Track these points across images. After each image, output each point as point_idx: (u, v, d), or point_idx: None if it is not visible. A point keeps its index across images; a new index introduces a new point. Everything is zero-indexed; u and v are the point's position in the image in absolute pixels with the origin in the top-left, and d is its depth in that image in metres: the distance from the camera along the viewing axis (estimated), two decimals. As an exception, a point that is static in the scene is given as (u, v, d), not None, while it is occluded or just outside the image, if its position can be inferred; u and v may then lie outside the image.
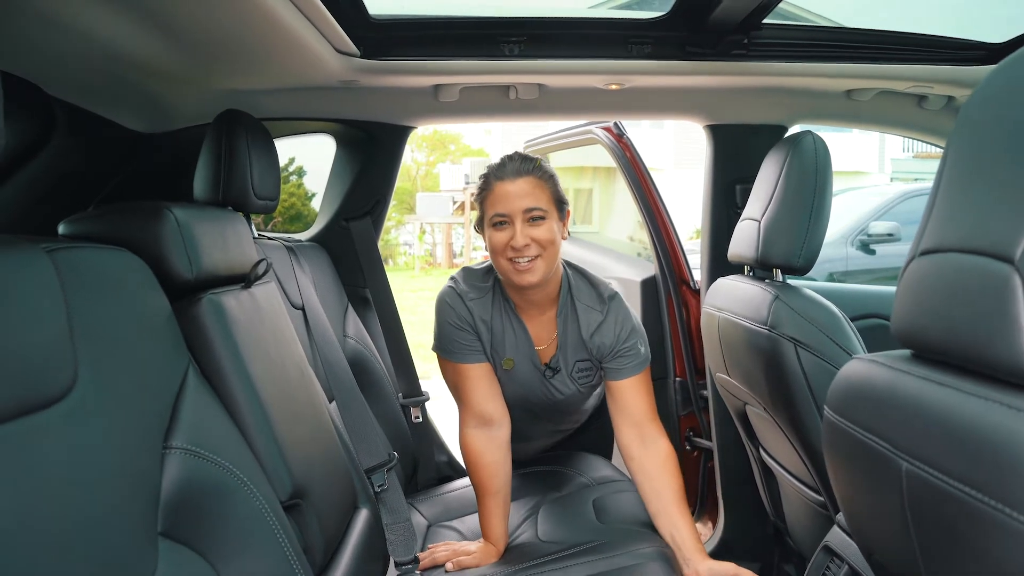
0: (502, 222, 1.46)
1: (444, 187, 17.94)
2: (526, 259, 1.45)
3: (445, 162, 21.29)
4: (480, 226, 1.54)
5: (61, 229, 1.03)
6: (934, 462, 0.65)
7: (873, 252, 6.43)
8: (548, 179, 1.49)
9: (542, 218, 1.46)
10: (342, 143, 2.12)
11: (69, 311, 0.76)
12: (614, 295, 1.61)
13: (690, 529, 1.46)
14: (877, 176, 14.24)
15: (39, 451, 0.67)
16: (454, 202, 17.29)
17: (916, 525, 0.69)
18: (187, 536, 0.84)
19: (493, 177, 1.49)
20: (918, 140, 2.03)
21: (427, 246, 19.03)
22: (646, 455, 1.53)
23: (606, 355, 1.58)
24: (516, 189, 1.45)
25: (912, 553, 0.71)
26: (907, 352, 0.77)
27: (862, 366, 0.81)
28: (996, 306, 0.59)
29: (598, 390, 1.77)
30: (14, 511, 0.62)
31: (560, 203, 1.51)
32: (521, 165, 1.48)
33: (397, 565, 1.40)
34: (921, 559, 0.70)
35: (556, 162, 3.21)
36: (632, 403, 1.57)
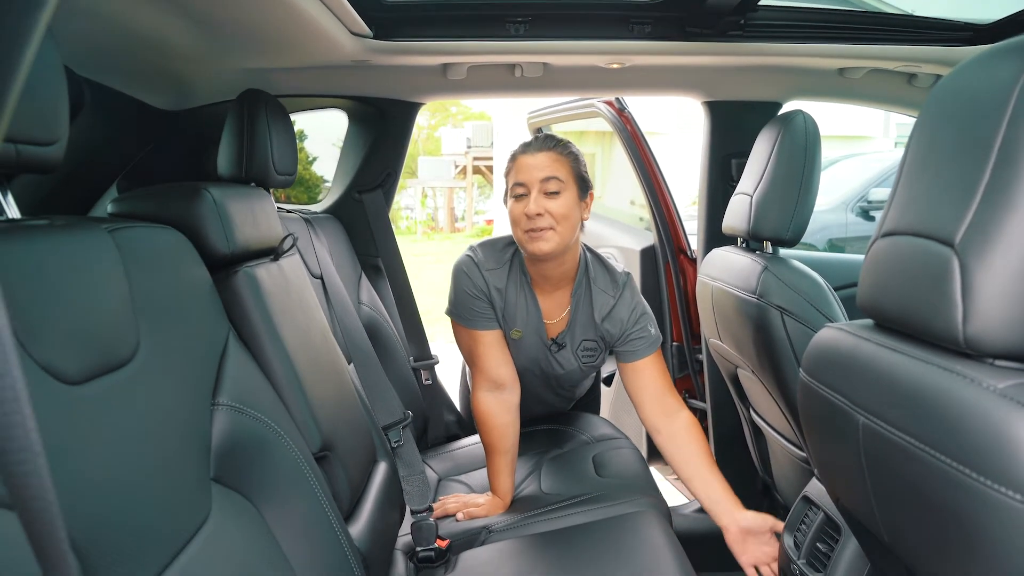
0: (521, 193, 1.54)
1: (446, 151, 17.87)
2: (539, 230, 1.51)
3: (447, 125, 21.17)
4: (505, 200, 1.62)
5: (110, 208, 1.12)
6: (885, 417, 0.75)
7: (873, 219, 6.48)
8: (569, 156, 1.55)
9: (558, 192, 1.52)
10: (354, 118, 2.20)
11: (130, 285, 0.86)
12: (627, 280, 1.68)
13: (723, 486, 1.54)
14: (882, 141, 14.13)
15: (112, 408, 0.78)
16: (456, 166, 17.25)
17: (870, 471, 0.80)
18: (235, 481, 0.95)
19: (519, 151, 1.57)
20: (909, 116, 2.10)
21: (429, 210, 19.04)
22: (671, 426, 1.61)
23: (617, 338, 1.66)
24: (536, 161, 1.53)
25: (867, 494, 0.83)
26: (870, 321, 0.87)
27: (831, 333, 0.91)
28: (937, 283, 0.69)
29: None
30: (96, 460, 0.72)
31: (582, 180, 1.56)
32: (545, 142, 1.55)
33: (413, 513, 1.52)
34: (873, 499, 0.81)
35: (559, 129, 3.27)
36: (649, 381, 1.65)
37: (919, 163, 0.78)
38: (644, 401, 1.65)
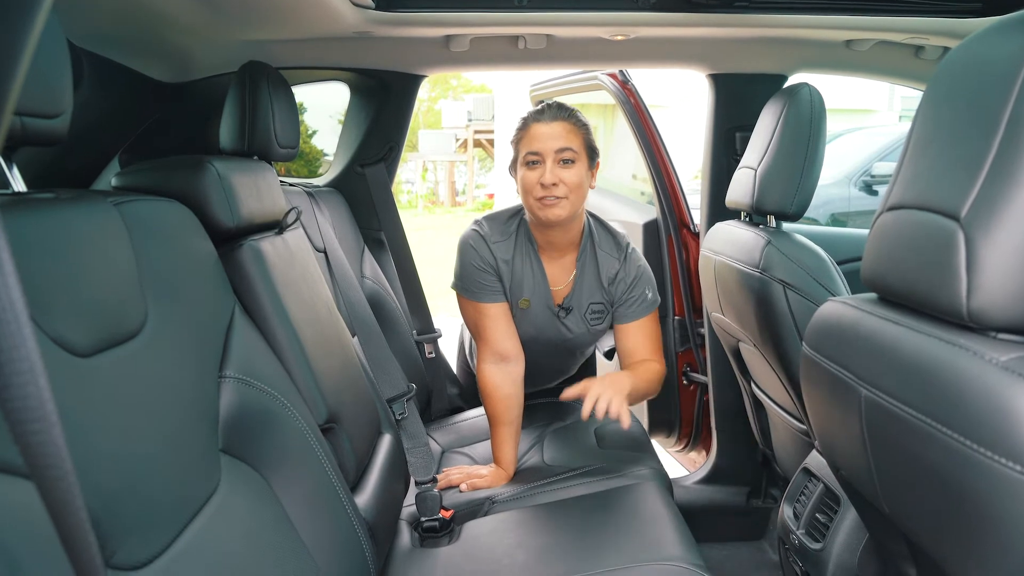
0: (534, 161, 1.55)
1: (447, 124, 17.74)
2: (554, 198, 1.54)
3: (447, 98, 20.99)
4: (513, 168, 1.63)
5: (114, 182, 1.12)
6: (887, 389, 0.76)
7: (876, 193, 6.45)
8: (582, 127, 1.59)
9: (572, 161, 1.55)
10: (356, 91, 2.18)
11: (137, 258, 0.86)
12: (629, 244, 1.72)
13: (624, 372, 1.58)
14: (886, 114, 14.02)
15: (121, 380, 0.78)
16: (457, 139, 17.15)
17: (871, 442, 0.81)
18: (243, 452, 0.97)
19: (531, 119, 1.58)
20: (916, 89, 2.08)
21: (430, 184, 18.96)
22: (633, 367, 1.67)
23: (617, 299, 1.70)
24: (551, 130, 1.55)
25: (868, 465, 0.84)
26: (873, 295, 0.87)
27: (834, 307, 0.92)
28: (943, 257, 0.69)
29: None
30: (106, 432, 0.73)
31: (591, 151, 1.60)
32: (558, 111, 1.58)
33: (417, 484, 1.54)
34: (874, 470, 0.83)
35: (562, 101, 3.24)
36: (635, 344, 1.69)
37: (926, 136, 0.77)
38: (625, 360, 1.71)
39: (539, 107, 1.61)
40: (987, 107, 0.67)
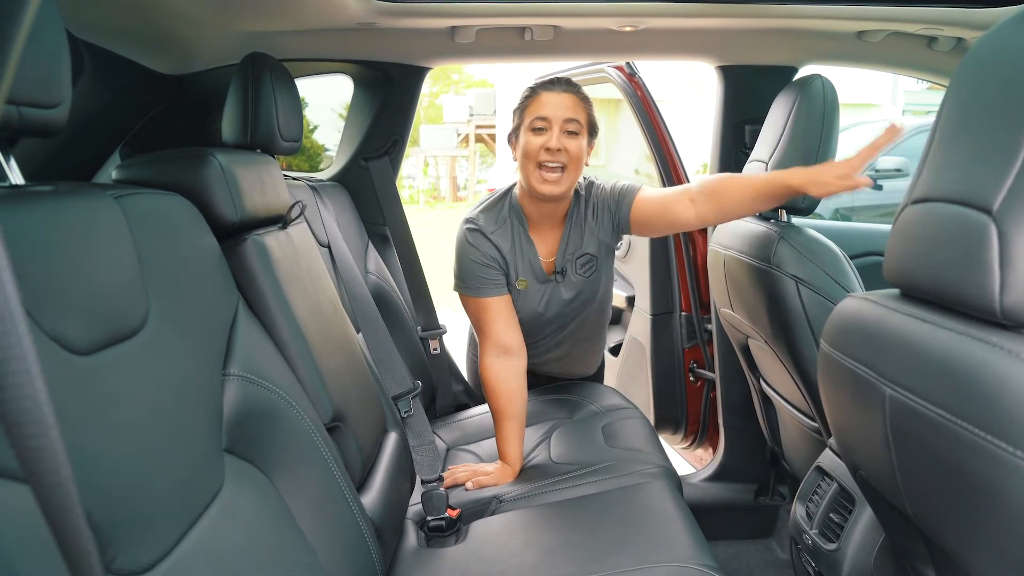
0: (541, 127, 1.58)
1: (448, 119, 17.71)
2: (555, 165, 1.57)
3: (449, 93, 20.94)
4: (515, 135, 1.64)
5: (114, 175, 1.10)
6: (913, 388, 0.74)
7: (880, 188, 6.40)
8: (588, 102, 1.63)
9: (577, 133, 1.59)
10: (360, 84, 2.15)
11: (138, 252, 0.84)
12: (591, 181, 1.72)
13: (779, 175, 1.46)
14: (889, 109, 13.96)
15: (123, 378, 0.76)
16: (458, 135, 17.12)
17: (895, 443, 0.79)
18: (247, 452, 0.94)
19: (540, 87, 1.62)
20: (927, 81, 2.05)
21: (431, 179, 18.94)
22: (700, 192, 1.56)
23: (614, 213, 1.68)
24: (560, 100, 1.59)
25: (891, 466, 0.81)
26: (896, 291, 0.85)
27: (855, 303, 0.89)
28: (973, 251, 0.66)
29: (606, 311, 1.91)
30: (107, 432, 0.70)
31: (592, 127, 1.64)
32: (568, 84, 1.62)
33: (423, 483, 1.52)
34: (898, 471, 0.80)
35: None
36: (657, 200, 1.64)
37: (954, 129, 0.75)
38: (670, 213, 1.61)
39: (549, 79, 1.64)
40: (1018, 96, 0.65)
